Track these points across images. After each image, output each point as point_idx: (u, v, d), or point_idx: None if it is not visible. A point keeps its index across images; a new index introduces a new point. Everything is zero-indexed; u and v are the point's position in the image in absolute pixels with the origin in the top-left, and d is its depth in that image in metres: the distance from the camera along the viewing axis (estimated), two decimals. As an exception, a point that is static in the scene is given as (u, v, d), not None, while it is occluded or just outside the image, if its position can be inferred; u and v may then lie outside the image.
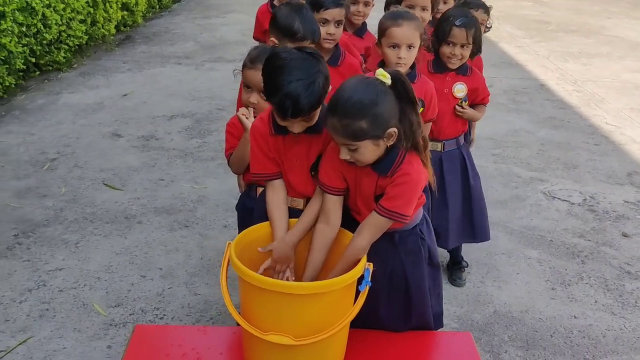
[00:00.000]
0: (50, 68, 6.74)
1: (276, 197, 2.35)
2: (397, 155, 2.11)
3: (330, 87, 2.20)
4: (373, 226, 2.14)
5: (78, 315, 3.04)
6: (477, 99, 3.27)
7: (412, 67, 2.82)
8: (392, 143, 2.08)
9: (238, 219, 2.78)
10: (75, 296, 3.18)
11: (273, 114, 2.27)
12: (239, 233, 2.78)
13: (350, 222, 2.29)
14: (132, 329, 2.62)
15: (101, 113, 5.73)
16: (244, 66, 2.61)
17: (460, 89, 3.17)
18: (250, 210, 2.58)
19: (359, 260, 2.08)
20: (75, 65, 7.05)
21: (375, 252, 2.17)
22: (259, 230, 2.29)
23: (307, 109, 2.12)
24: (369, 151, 2.06)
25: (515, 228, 4.00)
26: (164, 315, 3.06)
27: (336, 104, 2.03)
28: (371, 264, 2.06)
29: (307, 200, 2.39)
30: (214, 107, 5.95)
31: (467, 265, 3.52)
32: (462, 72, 3.18)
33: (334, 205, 2.24)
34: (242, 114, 2.58)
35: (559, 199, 4.43)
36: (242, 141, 2.58)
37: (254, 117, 2.56)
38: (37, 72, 6.55)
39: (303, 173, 2.34)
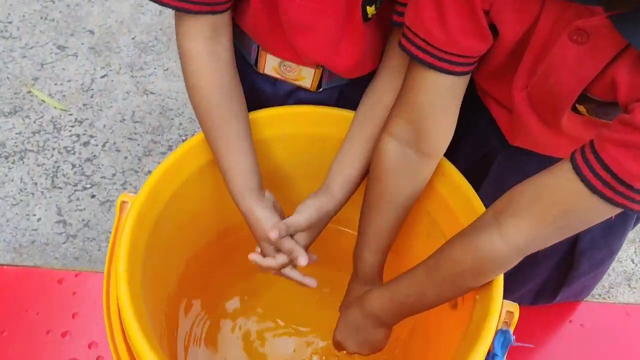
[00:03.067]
0: None
1: (215, 64, 0.95)
2: None
3: None
4: (552, 201, 0.77)
5: None
6: None
7: None
8: None
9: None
10: None
11: None
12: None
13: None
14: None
15: None
16: None
17: None
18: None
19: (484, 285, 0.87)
20: None
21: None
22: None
23: None
24: None
25: None
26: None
27: None
28: (513, 314, 0.85)
29: (325, 76, 1.06)
30: None
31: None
32: None
33: (444, 95, 0.86)
34: None
35: None
36: None
37: None
38: None
39: (336, 10, 0.94)
